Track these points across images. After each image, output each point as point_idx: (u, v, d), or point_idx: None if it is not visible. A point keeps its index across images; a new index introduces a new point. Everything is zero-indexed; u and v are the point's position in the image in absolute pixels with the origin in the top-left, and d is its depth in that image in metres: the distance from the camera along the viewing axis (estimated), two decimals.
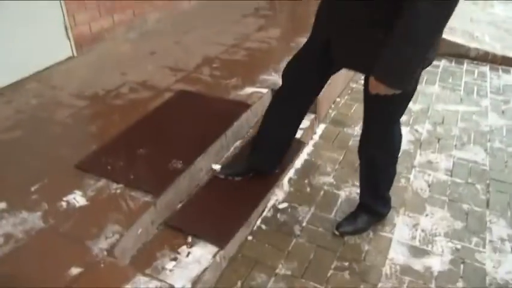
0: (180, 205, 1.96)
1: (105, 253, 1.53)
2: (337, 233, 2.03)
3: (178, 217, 1.90)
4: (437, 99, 3.29)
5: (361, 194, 2.05)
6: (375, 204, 2.04)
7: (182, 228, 1.82)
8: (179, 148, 2.14)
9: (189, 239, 1.78)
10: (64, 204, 1.75)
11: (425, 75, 3.50)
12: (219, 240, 1.80)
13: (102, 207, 1.74)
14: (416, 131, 2.88)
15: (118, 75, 2.93)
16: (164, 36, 3.65)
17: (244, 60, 3.24)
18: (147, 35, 3.70)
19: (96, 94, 2.67)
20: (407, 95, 1.65)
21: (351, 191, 2.31)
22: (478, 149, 2.71)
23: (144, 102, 2.57)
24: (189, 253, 1.72)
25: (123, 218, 1.69)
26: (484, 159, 2.61)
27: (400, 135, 1.90)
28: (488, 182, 2.42)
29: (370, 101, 1.70)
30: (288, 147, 2.16)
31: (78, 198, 1.78)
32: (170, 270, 1.63)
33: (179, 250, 1.72)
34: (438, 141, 2.78)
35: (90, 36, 3.33)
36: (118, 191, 1.84)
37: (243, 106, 2.58)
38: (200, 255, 1.71)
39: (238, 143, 2.48)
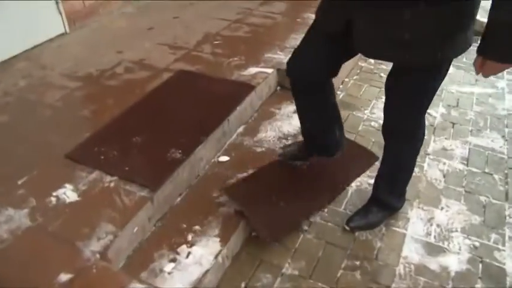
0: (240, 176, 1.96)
1: (98, 256, 1.40)
2: (347, 228, 1.90)
3: (235, 189, 1.85)
4: (451, 81, 3.11)
5: (377, 188, 1.91)
6: (389, 198, 1.90)
7: (239, 203, 1.78)
8: (178, 135, 1.99)
9: (189, 237, 1.65)
10: (53, 200, 1.62)
11: None
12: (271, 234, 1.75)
13: (95, 203, 1.61)
14: (430, 115, 2.72)
15: (113, 53, 2.75)
16: (162, 11, 3.44)
17: (248, 37, 3.05)
18: (145, 10, 3.49)
19: (90, 74, 2.50)
20: (440, 83, 1.50)
21: (361, 182, 2.17)
22: (495, 135, 2.55)
23: (141, 84, 2.41)
24: (189, 253, 1.59)
25: (117, 215, 1.55)
26: (501, 147, 2.46)
27: (425, 127, 1.75)
28: (506, 172, 2.28)
29: (400, 94, 1.55)
30: (337, 125, 1.95)
31: (68, 193, 1.64)
32: (169, 273, 1.51)
33: (178, 250, 1.60)
34: (453, 126, 2.62)
35: (83, 10, 3.13)
36: (112, 184, 1.70)
37: (246, 88, 2.42)
38: (201, 256, 1.59)
39: (241, 129, 2.33)
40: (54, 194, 1.64)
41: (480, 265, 1.78)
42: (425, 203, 2.07)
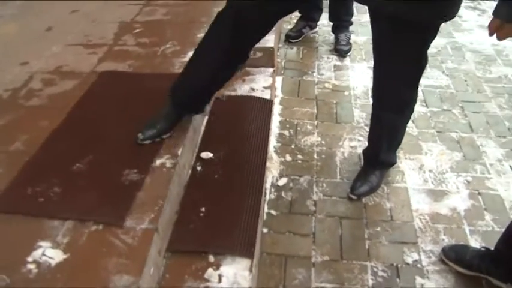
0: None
1: None
2: (353, 197, 1.84)
3: (183, 237, 1.50)
4: None
5: (375, 153, 1.85)
6: (387, 157, 1.86)
7: (200, 248, 1.44)
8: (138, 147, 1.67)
9: (211, 259, 1.42)
10: (33, 267, 1.25)
11: None
12: (246, 246, 1.46)
13: (91, 254, 1.28)
14: None
15: (17, 66, 2.24)
16: (53, 6, 2.91)
17: (169, 19, 2.72)
18: (29, 8, 2.91)
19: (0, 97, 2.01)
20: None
21: (343, 145, 2.11)
22: (437, 73, 2.67)
23: (74, 95, 1.99)
24: (220, 276, 1.37)
25: (127, 261, 1.26)
26: (447, 83, 2.58)
27: None
28: (461, 105, 2.40)
29: (399, 58, 1.45)
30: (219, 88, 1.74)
31: (49, 253, 1.28)
32: None
33: (206, 276, 1.37)
34: None
35: None
36: (100, 226, 1.37)
37: None
38: (235, 275, 1.38)
39: (205, 122, 2.08)
40: (29, 259, 1.27)
41: (480, 198, 1.85)
42: (410, 152, 2.09)
